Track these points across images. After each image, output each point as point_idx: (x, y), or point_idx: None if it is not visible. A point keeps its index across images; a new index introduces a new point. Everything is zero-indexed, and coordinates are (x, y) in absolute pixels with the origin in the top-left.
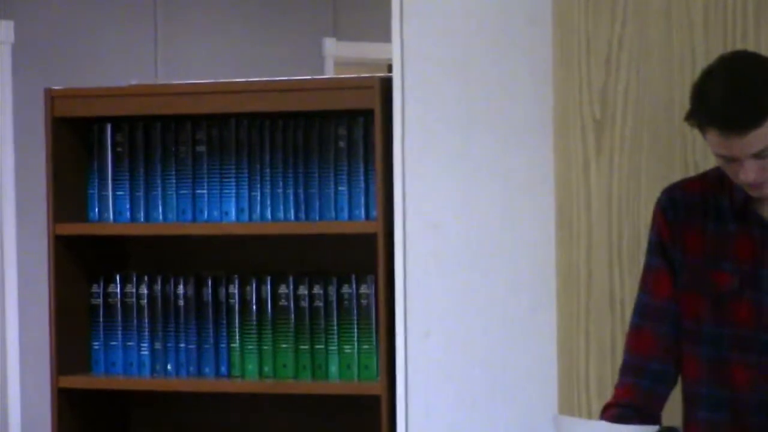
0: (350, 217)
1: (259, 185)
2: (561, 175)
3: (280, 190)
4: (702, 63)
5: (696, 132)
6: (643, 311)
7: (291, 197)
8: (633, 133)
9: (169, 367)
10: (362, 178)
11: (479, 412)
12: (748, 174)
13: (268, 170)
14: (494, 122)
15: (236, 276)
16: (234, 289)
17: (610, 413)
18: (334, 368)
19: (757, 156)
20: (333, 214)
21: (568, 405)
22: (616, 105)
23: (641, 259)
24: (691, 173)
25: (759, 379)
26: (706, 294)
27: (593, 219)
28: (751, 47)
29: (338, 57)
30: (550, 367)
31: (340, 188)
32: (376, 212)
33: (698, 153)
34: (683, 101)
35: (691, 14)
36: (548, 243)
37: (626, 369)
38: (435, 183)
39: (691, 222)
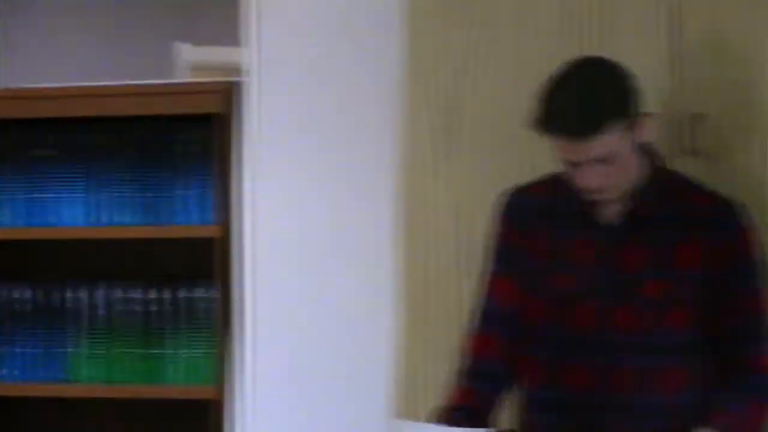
0: (196, 221)
1: (105, 189)
2: (408, 179)
3: (127, 194)
4: (554, 69)
5: (545, 142)
6: (484, 316)
7: (137, 201)
8: (481, 138)
9: (7, 371)
10: (210, 182)
11: (320, 415)
12: (592, 179)
13: (115, 174)
14: (343, 126)
15: (78, 280)
16: (75, 294)
17: (448, 416)
18: (174, 372)
19: (601, 161)
20: (178, 218)
21: (408, 409)
22: (464, 110)
23: (484, 264)
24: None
25: (597, 382)
26: (548, 298)
27: (438, 223)
28: (606, 56)
29: (197, 62)
30: (391, 370)
31: (187, 192)
32: (222, 216)
33: (545, 158)
34: (532, 107)
35: (545, 21)
36: (393, 247)
37: (465, 373)
38: (282, 187)
39: (535, 226)
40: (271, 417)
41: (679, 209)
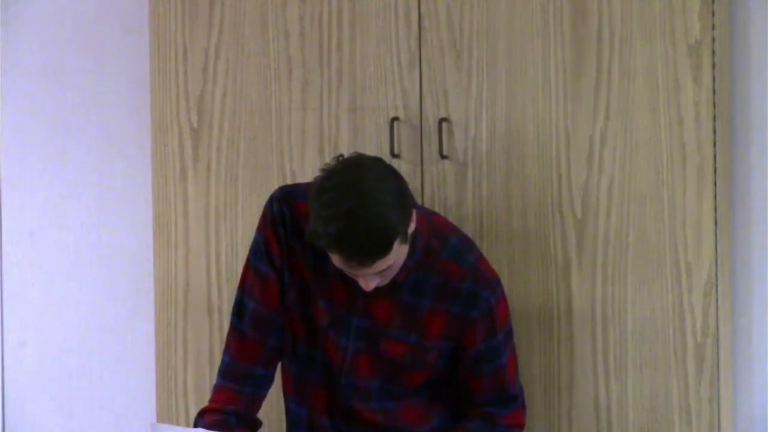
0: None
1: None
2: (159, 182)
3: None
4: (298, 71)
5: (293, 142)
6: (250, 318)
7: None
8: (230, 140)
9: None
10: None
11: (78, 421)
12: (368, 285)
13: None
14: (92, 130)
15: None
16: None
17: (212, 419)
18: None
19: (379, 273)
20: None
21: (167, 413)
22: (213, 113)
23: (239, 267)
24: (288, 182)
25: (339, 409)
26: (304, 320)
27: (191, 226)
28: (345, 58)
29: None
30: (149, 374)
31: None
32: None
33: (295, 163)
34: (279, 108)
35: (286, 24)
36: (147, 251)
37: (229, 374)
38: (31, 191)
39: (298, 247)
40: (27, 423)
41: (434, 278)
